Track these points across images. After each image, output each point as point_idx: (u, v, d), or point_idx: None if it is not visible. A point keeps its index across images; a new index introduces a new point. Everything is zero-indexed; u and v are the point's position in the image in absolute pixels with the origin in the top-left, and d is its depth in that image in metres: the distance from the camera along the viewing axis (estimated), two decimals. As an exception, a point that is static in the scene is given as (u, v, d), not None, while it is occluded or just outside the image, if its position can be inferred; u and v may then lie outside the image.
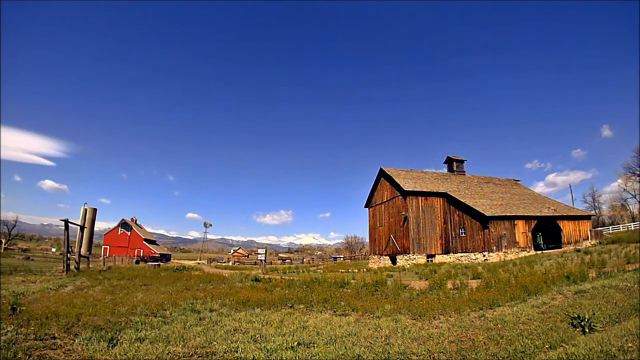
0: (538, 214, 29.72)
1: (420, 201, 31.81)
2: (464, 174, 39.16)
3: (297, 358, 4.96)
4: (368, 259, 43.98)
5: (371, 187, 38.77)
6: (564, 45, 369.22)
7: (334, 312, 8.27)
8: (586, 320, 5.50)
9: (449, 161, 39.78)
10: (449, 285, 11.30)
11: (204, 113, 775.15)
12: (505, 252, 26.99)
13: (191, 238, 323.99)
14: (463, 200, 29.99)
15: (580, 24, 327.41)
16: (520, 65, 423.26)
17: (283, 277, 16.95)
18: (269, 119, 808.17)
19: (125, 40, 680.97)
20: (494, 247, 27.21)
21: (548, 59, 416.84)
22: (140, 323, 6.74)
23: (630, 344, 4.26)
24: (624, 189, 56.44)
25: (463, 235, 29.81)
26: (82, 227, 24.53)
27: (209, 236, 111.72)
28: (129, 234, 67.39)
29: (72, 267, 20.03)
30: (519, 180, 42.80)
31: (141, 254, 56.93)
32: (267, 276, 17.14)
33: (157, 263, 32.59)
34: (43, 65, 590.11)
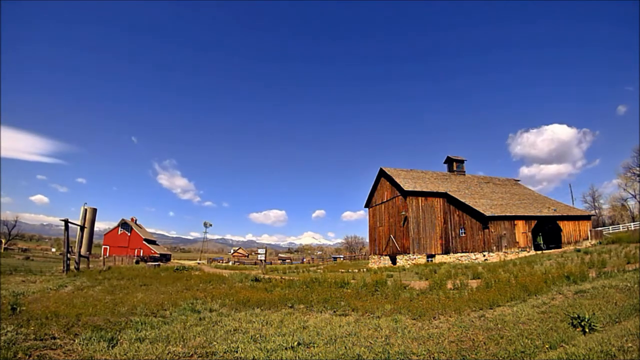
0: (538, 214, 29.72)
1: (420, 201, 31.81)
2: (464, 174, 39.16)
3: (297, 358, 4.96)
4: (368, 259, 43.98)
5: (371, 187, 38.78)
6: (564, 44, 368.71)
7: (334, 312, 8.26)
8: (586, 320, 5.49)
9: (449, 161, 39.78)
10: (449, 285, 11.30)
11: (205, 112, 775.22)
12: (505, 252, 26.99)
13: (191, 238, 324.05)
14: (463, 200, 29.99)
15: (579, 23, 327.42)
16: (520, 63, 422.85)
17: (283, 277, 16.94)
18: (268, 118, 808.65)
19: (126, 37, 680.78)
20: (494, 247, 27.21)
21: (548, 57, 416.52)
22: (140, 323, 6.73)
23: (630, 344, 4.26)
24: (624, 189, 56.49)
25: (463, 235, 29.81)
26: (82, 227, 24.53)
27: (209, 236, 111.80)
28: (129, 234, 67.38)
29: (72, 267, 20.02)
30: (519, 180, 42.80)
31: (141, 254, 56.92)
32: (267, 276, 17.13)
33: (157, 263, 32.60)
34: (41, 64, 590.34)
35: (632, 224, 42.62)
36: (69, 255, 19.42)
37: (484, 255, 27.22)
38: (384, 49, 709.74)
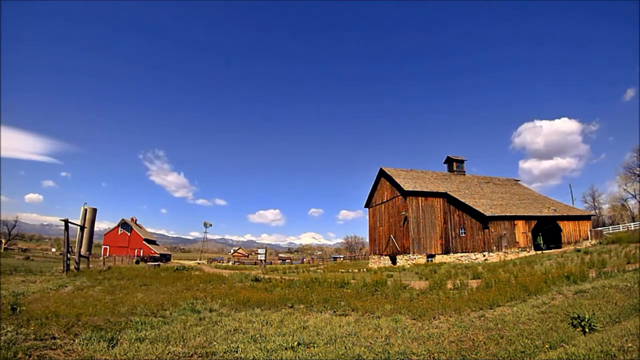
0: (538, 214, 29.72)
1: (420, 201, 31.81)
2: (464, 174, 39.17)
3: (297, 358, 4.96)
4: (368, 259, 43.98)
5: (371, 187, 38.78)
6: (565, 42, 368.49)
7: (334, 312, 8.26)
8: (586, 320, 5.49)
9: (449, 161, 39.78)
10: (449, 285, 11.30)
11: (204, 111, 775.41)
12: (505, 252, 26.99)
13: (191, 238, 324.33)
14: (463, 200, 29.99)
15: (580, 21, 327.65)
16: (521, 62, 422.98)
17: (283, 277, 16.94)
18: (268, 118, 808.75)
19: (126, 36, 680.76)
20: (494, 247, 27.21)
21: (549, 55, 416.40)
22: (140, 323, 6.74)
23: (630, 344, 4.26)
24: (624, 189, 56.51)
25: (463, 235, 29.81)
26: (82, 227, 24.55)
27: (209, 236, 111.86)
28: (129, 234, 67.38)
29: (72, 267, 20.02)
30: (519, 181, 42.81)
31: (141, 254, 56.93)
32: (267, 276, 17.14)
33: (157, 263, 32.61)
34: (41, 63, 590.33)
35: (632, 224, 42.62)
36: (69, 255, 19.42)
37: (484, 255, 27.22)
38: (383, 47, 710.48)
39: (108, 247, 65.39)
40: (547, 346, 4.97)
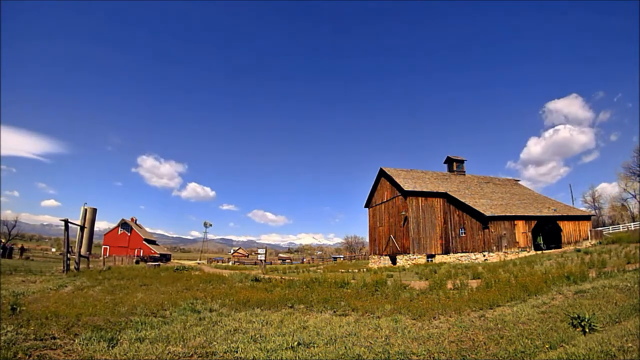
0: (538, 214, 29.72)
1: (420, 201, 31.81)
2: (464, 174, 39.17)
3: (297, 358, 4.96)
4: (368, 259, 43.98)
5: (371, 187, 38.79)
6: (570, 39, 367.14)
7: (334, 312, 8.26)
8: (586, 320, 5.49)
9: (449, 161, 39.79)
10: (449, 285, 11.30)
11: (204, 110, 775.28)
12: (505, 252, 26.99)
13: (191, 238, 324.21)
14: (463, 200, 30.00)
15: (583, 17, 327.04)
16: (521, 60, 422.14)
17: (283, 277, 16.94)
18: (268, 116, 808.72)
19: (125, 33, 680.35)
20: (494, 247, 27.21)
21: (549, 53, 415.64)
22: (140, 323, 6.73)
23: (630, 344, 4.26)
24: (624, 189, 56.51)
25: (463, 235, 29.82)
26: (82, 227, 24.56)
27: (209, 236, 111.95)
28: (129, 234, 67.41)
29: (72, 267, 20.03)
30: (519, 180, 42.83)
31: (141, 254, 56.93)
32: (267, 276, 17.14)
33: (157, 263, 32.63)
34: (40, 62, 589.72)
35: (632, 224, 42.62)
36: (69, 255, 19.42)
37: (484, 255, 27.22)
38: (381, 46, 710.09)
39: (108, 247, 65.42)
40: (547, 346, 4.97)
